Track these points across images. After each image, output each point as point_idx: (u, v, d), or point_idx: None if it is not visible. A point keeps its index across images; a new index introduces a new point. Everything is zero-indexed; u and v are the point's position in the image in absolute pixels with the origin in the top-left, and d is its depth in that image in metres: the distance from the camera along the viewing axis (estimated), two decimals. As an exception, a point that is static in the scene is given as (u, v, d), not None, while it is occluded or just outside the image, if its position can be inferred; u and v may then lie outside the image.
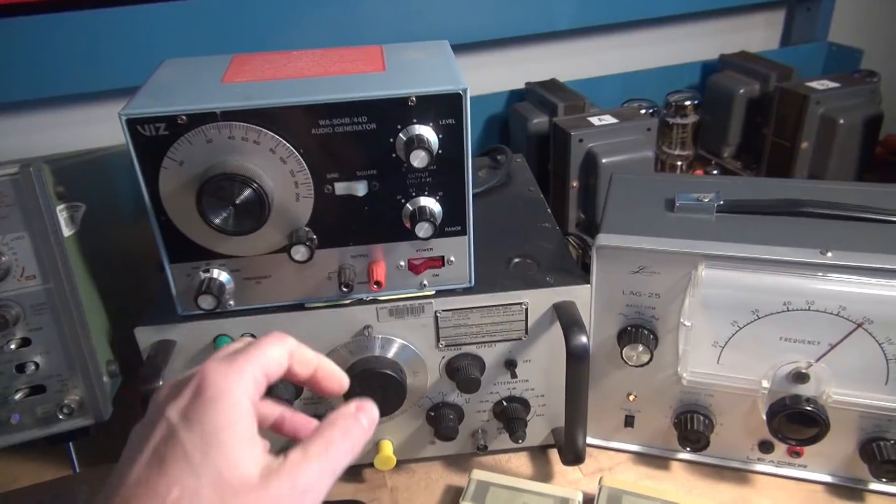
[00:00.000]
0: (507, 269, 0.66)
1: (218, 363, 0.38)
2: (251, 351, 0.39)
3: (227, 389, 0.36)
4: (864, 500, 0.65)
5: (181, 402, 0.36)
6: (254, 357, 0.39)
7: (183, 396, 0.36)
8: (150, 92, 0.56)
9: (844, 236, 0.59)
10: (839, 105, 0.96)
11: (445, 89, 0.53)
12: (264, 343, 0.41)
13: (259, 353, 0.39)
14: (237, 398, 0.37)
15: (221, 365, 0.38)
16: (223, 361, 0.38)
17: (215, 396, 0.36)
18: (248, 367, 0.38)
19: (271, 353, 0.40)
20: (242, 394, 0.37)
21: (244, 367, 0.38)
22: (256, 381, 0.39)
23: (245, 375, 0.38)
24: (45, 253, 0.57)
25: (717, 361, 0.63)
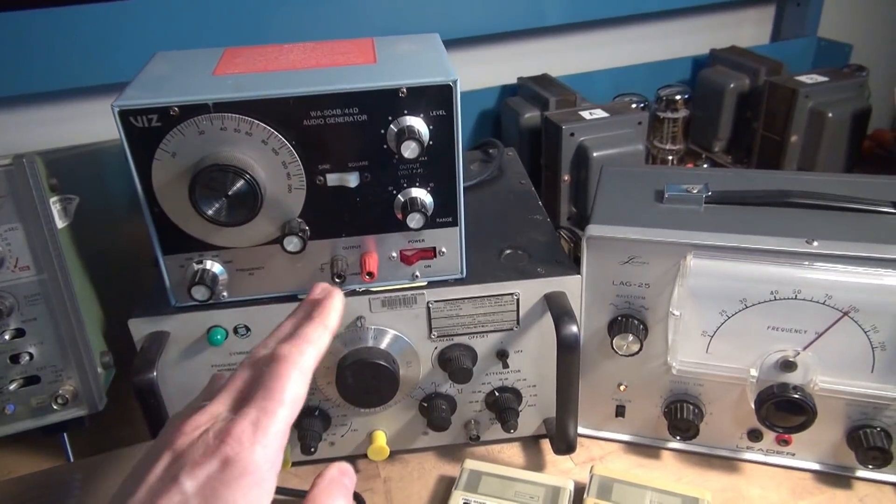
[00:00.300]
0: (499, 260, 0.66)
1: (243, 432, 0.34)
2: (272, 403, 0.36)
3: (253, 464, 0.34)
4: (851, 487, 0.66)
5: (201, 474, 0.33)
6: (277, 417, 0.36)
7: (205, 466, 0.33)
8: (142, 84, 0.56)
9: (830, 226, 0.60)
10: (828, 99, 0.97)
11: (436, 80, 0.54)
12: (282, 385, 0.37)
13: (281, 407, 0.36)
14: (263, 474, 0.34)
15: (248, 430, 0.34)
16: (248, 428, 0.35)
17: (240, 474, 0.33)
18: (275, 427, 0.35)
19: (292, 396, 0.37)
20: (269, 468, 0.35)
21: (272, 430, 0.35)
22: (282, 445, 0.36)
23: (273, 441, 0.35)
24: (38, 244, 0.58)
25: (706, 351, 0.64)
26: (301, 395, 0.38)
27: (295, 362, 0.38)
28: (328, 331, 0.42)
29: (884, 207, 0.62)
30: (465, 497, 0.63)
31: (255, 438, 0.34)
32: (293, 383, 0.37)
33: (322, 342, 0.41)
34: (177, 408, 0.64)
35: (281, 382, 0.37)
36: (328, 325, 0.42)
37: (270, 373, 0.37)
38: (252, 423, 0.35)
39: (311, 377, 0.39)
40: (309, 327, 0.41)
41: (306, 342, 0.40)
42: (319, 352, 0.40)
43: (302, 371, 0.38)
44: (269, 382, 0.37)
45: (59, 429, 0.65)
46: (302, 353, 0.39)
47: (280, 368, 0.37)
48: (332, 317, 0.43)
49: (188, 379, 0.64)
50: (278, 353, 0.38)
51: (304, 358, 0.39)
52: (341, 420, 0.69)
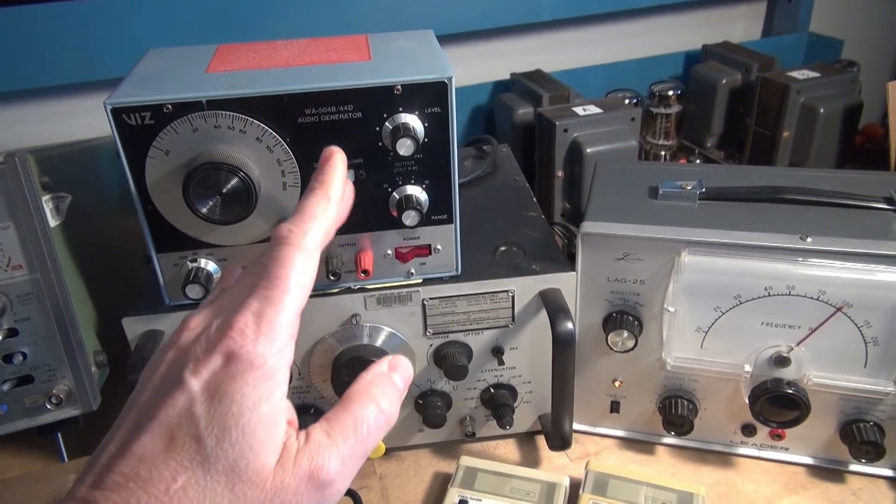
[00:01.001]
0: (494, 257, 0.66)
1: (245, 325, 0.32)
2: (277, 291, 0.33)
3: (260, 356, 0.32)
4: (844, 481, 0.66)
5: (205, 372, 0.31)
6: (283, 305, 0.33)
7: (208, 363, 0.32)
8: (135, 81, 0.56)
9: (824, 222, 0.61)
10: (820, 94, 0.97)
11: (431, 77, 0.54)
12: (286, 270, 0.34)
13: (287, 294, 0.33)
14: (271, 366, 0.32)
15: (251, 322, 0.32)
16: (251, 320, 0.32)
17: (246, 368, 0.31)
18: (281, 317, 0.33)
19: (299, 280, 0.34)
20: (278, 359, 0.32)
21: (277, 320, 0.33)
22: (291, 335, 0.33)
23: (279, 331, 0.33)
24: (31, 243, 0.57)
25: (700, 346, 0.64)
26: (309, 279, 0.35)
27: (297, 244, 0.35)
28: (332, 202, 0.39)
29: (877, 203, 0.63)
30: (460, 494, 0.63)
31: (259, 330, 0.32)
32: (298, 267, 0.34)
33: (327, 216, 0.38)
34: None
35: (284, 268, 0.34)
36: (330, 195, 0.39)
37: (272, 258, 0.35)
38: (255, 313, 0.33)
39: (318, 265, 0.36)
40: (309, 201, 0.38)
41: (308, 219, 0.37)
42: (325, 227, 0.37)
43: (306, 252, 0.35)
44: (271, 269, 0.34)
45: (54, 429, 0.64)
46: (304, 233, 0.36)
47: (281, 253, 0.35)
48: (334, 185, 0.40)
49: (183, 377, 0.63)
50: (279, 236, 0.35)
51: (308, 237, 0.36)
52: (337, 418, 0.68)
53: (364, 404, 0.34)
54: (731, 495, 0.65)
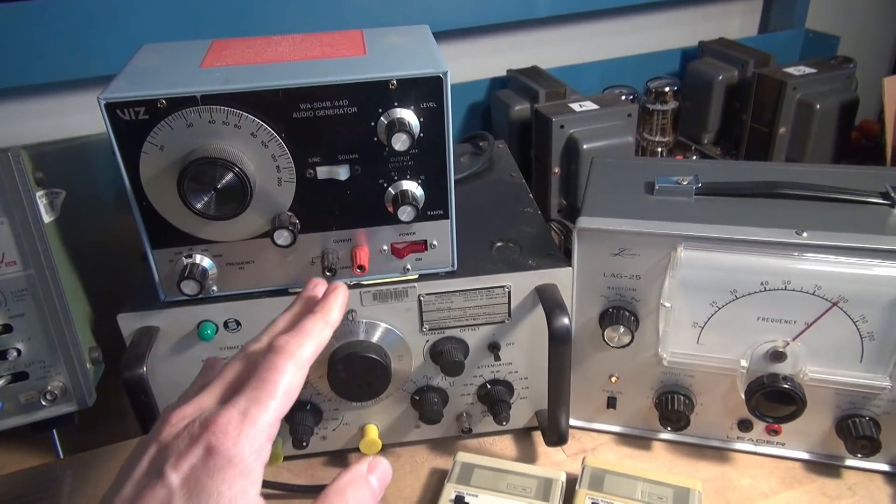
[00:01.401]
0: (490, 253, 0.66)
1: (229, 422, 0.33)
2: (263, 394, 0.35)
3: (239, 454, 0.33)
4: (840, 476, 0.66)
5: (185, 466, 0.32)
6: (268, 407, 0.35)
7: (189, 458, 0.33)
8: (129, 76, 0.56)
9: (819, 217, 0.61)
10: (816, 90, 0.97)
11: (426, 72, 0.54)
12: (276, 377, 0.36)
13: (271, 399, 0.35)
14: (249, 465, 0.33)
15: (234, 420, 0.34)
16: (235, 419, 0.34)
17: (224, 465, 0.32)
18: (265, 418, 0.34)
19: (285, 389, 0.36)
20: (255, 459, 0.34)
21: (260, 421, 0.34)
22: (270, 436, 0.35)
23: (260, 432, 0.34)
24: (25, 239, 0.57)
25: (696, 342, 0.64)
26: (295, 389, 0.37)
27: (292, 354, 0.37)
28: (329, 325, 0.41)
29: (873, 198, 0.63)
30: (457, 489, 0.63)
31: (242, 428, 0.33)
32: (288, 375, 0.36)
33: (322, 336, 0.40)
34: (167, 402, 0.64)
35: (275, 374, 0.36)
36: (329, 319, 0.42)
37: (265, 363, 0.37)
38: (241, 412, 0.34)
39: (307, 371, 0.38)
40: (309, 320, 0.41)
41: (305, 335, 0.39)
42: (318, 346, 0.40)
43: (298, 364, 0.37)
44: (263, 373, 0.36)
45: (49, 425, 0.64)
46: (300, 346, 0.38)
47: (276, 359, 0.37)
48: (335, 312, 0.43)
49: (178, 374, 0.63)
50: (275, 345, 0.38)
51: (302, 350, 0.38)
52: (333, 414, 0.68)
53: None
54: (728, 490, 0.65)
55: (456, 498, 0.62)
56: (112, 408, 0.69)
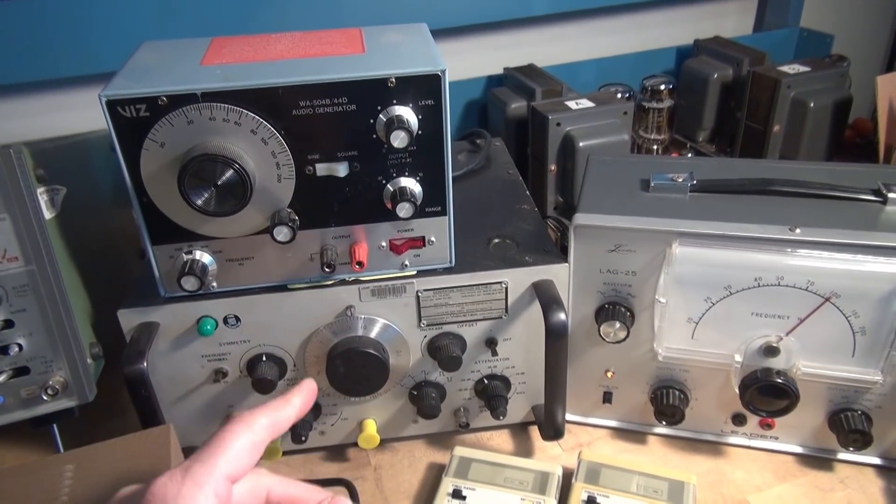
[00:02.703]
0: (487, 249, 0.67)
1: (170, 479, 0.33)
2: (210, 454, 0.35)
3: (184, 499, 0.32)
4: (832, 469, 0.67)
5: None
6: (213, 463, 0.35)
7: None
8: (129, 73, 0.56)
9: (813, 213, 0.61)
10: (810, 89, 0.98)
11: (424, 70, 0.54)
12: (226, 438, 0.36)
13: (219, 457, 0.35)
14: None
15: (173, 482, 0.33)
16: (177, 476, 0.33)
17: None
18: (207, 479, 0.34)
19: (234, 448, 0.36)
20: None
21: (202, 481, 0.34)
22: (218, 493, 0.34)
23: (203, 491, 0.33)
24: (26, 235, 0.57)
25: (691, 337, 0.65)
26: (248, 450, 0.37)
27: (243, 420, 0.38)
28: (290, 405, 0.42)
29: (865, 195, 0.63)
30: (455, 483, 0.63)
31: (184, 483, 0.33)
32: (238, 437, 0.37)
33: (281, 413, 0.41)
34: (167, 398, 0.65)
35: (225, 437, 0.36)
36: (291, 400, 0.43)
37: (218, 431, 0.37)
38: (182, 469, 0.34)
39: (262, 445, 0.38)
40: (272, 400, 0.42)
41: (262, 407, 0.40)
42: (276, 421, 0.40)
43: (252, 430, 0.38)
44: (214, 438, 0.37)
45: (49, 420, 0.64)
46: (252, 414, 0.39)
47: (228, 426, 0.37)
48: (298, 396, 0.44)
49: (178, 369, 0.64)
50: (230, 417, 0.40)
51: (257, 420, 0.38)
52: (331, 409, 0.69)
53: None
54: (722, 484, 0.66)
55: (453, 492, 0.63)
56: (113, 404, 0.69)
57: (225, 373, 0.65)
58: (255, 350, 0.64)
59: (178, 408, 0.66)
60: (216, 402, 0.66)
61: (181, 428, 0.66)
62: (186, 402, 0.66)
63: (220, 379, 0.65)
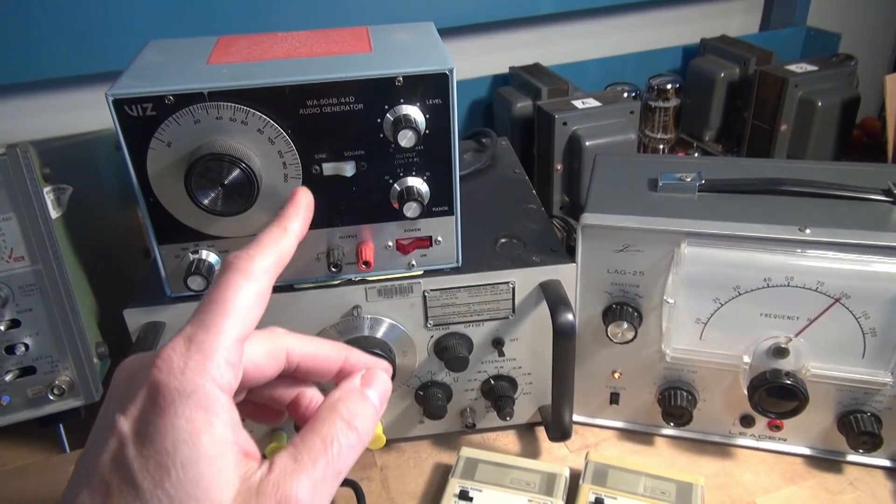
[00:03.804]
0: (494, 249, 0.67)
1: (174, 351, 0.29)
2: (212, 317, 0.31)
3: (189, 385, 0.29)
4: (841, 471, 0.67)
5: (133, 409, 0.29)
6: (218, 328, 0.31)
7: (136, 400, 0.29)
8: (136, 72, 0.56)
9: (822, 213, 0.61)
10: (817, 88, 0.97)
11: (432, 69, 0.54)
12: (226, 295, 0.32)
13: (223, 319, 0.31)
14: (206, 395, 0.29)
15: (178, 355, 0.29)
16: (180, 347, 0.30)
17: (174, 399, 0.28)
18: (215, 348, 0.30)
19: (238, 305, 0.32)
20: (213, 387, 0.29)
21: (210, 351, 0.30)
22: (229, 360, 0.30)
23: (213, 356, 0.30)
24: (33, 234, 0.57)
25: (699, 338, 0.64)
26: (253, 304, 0.32)
27: (241, 268, 0.33)
28: (288, 233, 0.38)
29: (875, 195, 0.63)
30: (461, 484, 0.63)
31: (189, 355, 0.29)
32: (241, 291, 0.32)
33: (281, 245, 0.37)
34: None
35: (224, 292, 0.32)
36: (288, 226, 0.38)
37: (216, 284, 0.33)
38: (186, 339, 0.30)
39: (268, 292, 0.34)
40: (265, 232, 0.37)
41: (258, 246, 0.35)
42: (278, 256, 0.36)
43: (251, 277, 0.33)
44: (211, 294, 0.32)
45: (55, 420, 0.64)
46: (251, 258, 0.34)
47: (224, 277, 0.33)
48: (295, 218, 0.39)
49: (184, 369, 0.64)
50: (225, 262, 0.34)
51: (254, 263, 0.34)
52: (337, 409, 0.69)
53: (332, 423, 0.32)
54: (730, 486, 0.66)
55: (460, 493, 0.62)
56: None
57: (231, 373, 0.64)
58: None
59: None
60: (222, 402, 0.66)
61: (187, 428, 0.66)
62: (192, 402, 0.66)
63: (226, 379, 0.64)
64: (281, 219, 0.39)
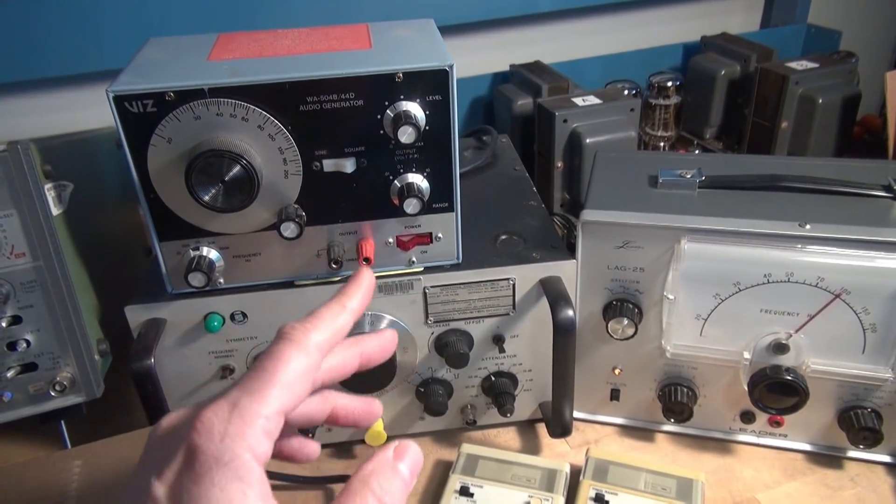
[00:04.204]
0: (494, 245, 0.67)
1: (215, 414, 0.29)
2: (260, 384, 0.31)
3: (228, 453, 0.28)
4: (842, 467, 0.67)
5: (169, 474, 0.29)
6: (264, 397, 0.30)
7: (172, 464, 0.29)
8: (137, 69, 0.56)
9: (822, 209, 0.61)
10: (818, 85, 0.97)
11: (432, 65, 0.54)
12: (277, 365, 0.32)
13: (270, 389, 0.31)
14: (244, 465, 0.29)
15: (219, 418, 0.29)
16: (223, 410, 0.29)
17: (212, 466, 0.28)
18: (256, 416, 0.30)
19: (287, 377, 0.32)
20: (251, 457, 0.29)
21: (251, 419, 0.29)
22: (269, 431, 0.30)
23: (254, 425, 0.29)
24: (34, 231, 0.57)
25: (699, 334, 0.64)
26: (302, 377, 0.33)
27: (296, 340, 0.33)
28: (346, 311, 0.37)
29: (875, 190, 0.63)
30: (462, 480, 0.63)
31: (230, 421, 0.29)
32: (292, 362, 0.32)
33: (338, 322, 0.36)
34: (175, 394, 0.65)
35: (275, 361, 0.32)
36: (347, 304, 0.38)
37: (266, 353, 0.33)
38: (230, 403, 0.30)
39: (318, 367, 0.34)
40: (324, 307, 0.37)
41: (316, 320, 0.35)
42: (335, 332, 0.36)
43: (305, 349, 0.33)
44: (263, 362, 0.32)
45: (57, 416, 0.65)
46: (306, 332, 0.34)
47: (277, 347, 0.33)
48: (355, 296, 0.39)
49: (185, 366, 0.64)
50: (280, 332, 0.34)
51: (309, 336, 0.34)
52: (338, 406, 0.69)
53: (364, 498, 0.31)
54: (731, 482, 0.66)
55: (461, 489, 0.62)
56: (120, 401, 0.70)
57: (232, 369, 0.65)
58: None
59: (186, 405, 0.66)
60: (223, 398, 0.66)
61: (188, 424, 0.66)
62: (194, 398, 0.66)
63: (227, 375, 0.65)
64: (342, 296, 0.39)
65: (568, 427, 0.67)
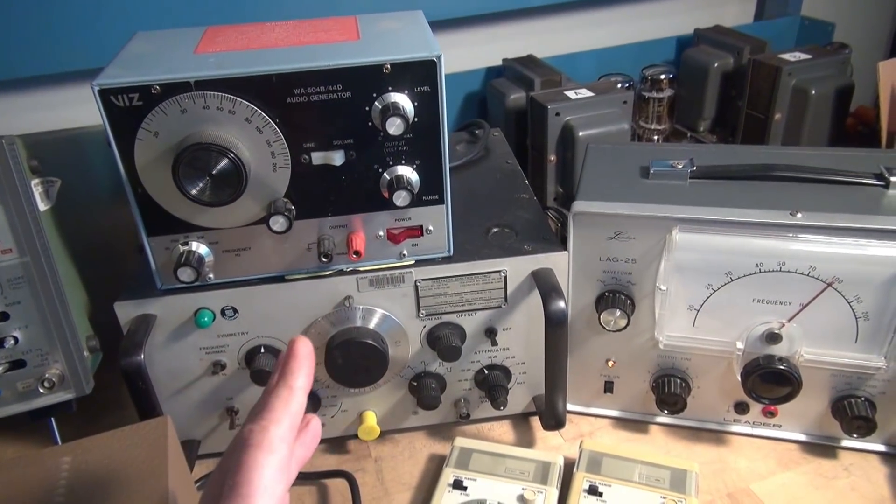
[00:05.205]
0: (486, 238, 0.66)
1: None
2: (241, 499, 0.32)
3: None
4: (836, 457, 0.66)
5: None
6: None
7: None
8: (122, 63, 0.55)
9: (814, 198, 0.61)
10: (811, 76, 0.97)
11: (420, 56, 0.54)
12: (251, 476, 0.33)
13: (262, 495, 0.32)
14: None
15: None
16: None
17: None
18: None
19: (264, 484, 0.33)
20: None
21: None
22: None
23: None
24: (20, 226, 0.57)
25: (692, 325, 0.64)
26: (276, 478, 0.33)
27: (258, 443, 0.34)
28: (295, 392, 0.37)
29: (867, 179, 0.63)
30: (456, 474, 0.63)
31: None
32: (264, 469, 0.33)
33: (291, 407, 0.37)
34: (165, 391, 0.64)
35: (250, 472, 0.33)
36: (294, 385, 0.38)
37: (238, 464, 0.33)
38: None
39: (290, 440, 0.35)
40: (271, 395, 0.37)
41: (269, 414, 0.36)
42: (290, 418, 0.36)
43: (270, 449, 0.34)
44: (238, 476, 0.33)
45: (47, 413, 0.64)
46: (265, 430, 0.34)
47: (247, 456, 0.33)
48: (299, 373, 0.39)
49: (176, 361, 0.63)
50: (241, 438, 0.35)
51: (271, 434, 0.34)
52: (331, 401, 0.69)
53: None
54: (725, 472, 0.66)
55: (454, 482, 0.62)
56: (110, 398, 0.69)
57: (223, 365, 0.64)
58: (254, 342, 0.64)
59: (177, 401, 0.66)
60: (215, 394, 0.66)
61: (180, 421, 0.66)
62: (185, 394, 0.66)
63: (218, 371, 0.64)
64: (286, 377, 0.38)
65: (561, 420, 0.66)
